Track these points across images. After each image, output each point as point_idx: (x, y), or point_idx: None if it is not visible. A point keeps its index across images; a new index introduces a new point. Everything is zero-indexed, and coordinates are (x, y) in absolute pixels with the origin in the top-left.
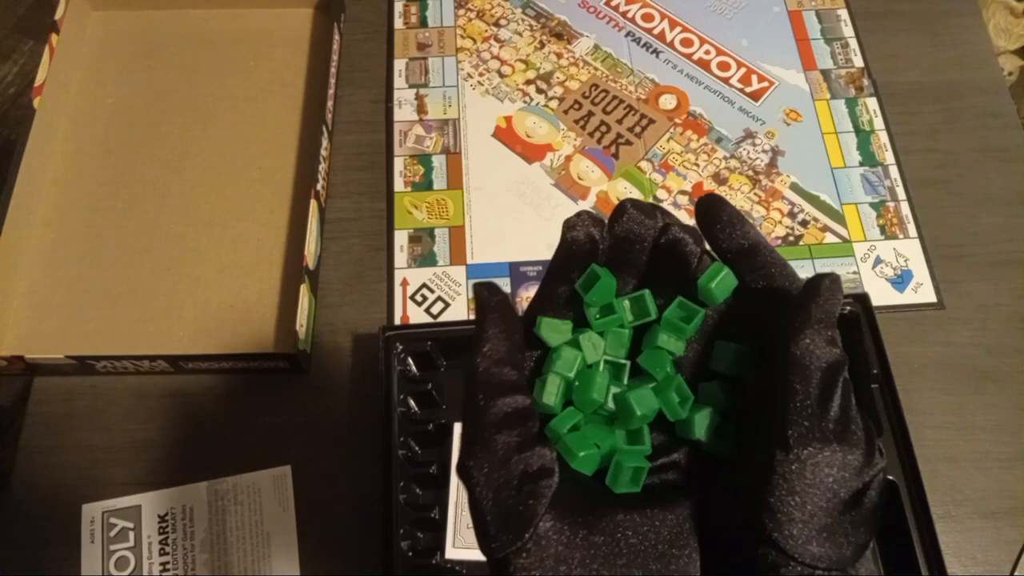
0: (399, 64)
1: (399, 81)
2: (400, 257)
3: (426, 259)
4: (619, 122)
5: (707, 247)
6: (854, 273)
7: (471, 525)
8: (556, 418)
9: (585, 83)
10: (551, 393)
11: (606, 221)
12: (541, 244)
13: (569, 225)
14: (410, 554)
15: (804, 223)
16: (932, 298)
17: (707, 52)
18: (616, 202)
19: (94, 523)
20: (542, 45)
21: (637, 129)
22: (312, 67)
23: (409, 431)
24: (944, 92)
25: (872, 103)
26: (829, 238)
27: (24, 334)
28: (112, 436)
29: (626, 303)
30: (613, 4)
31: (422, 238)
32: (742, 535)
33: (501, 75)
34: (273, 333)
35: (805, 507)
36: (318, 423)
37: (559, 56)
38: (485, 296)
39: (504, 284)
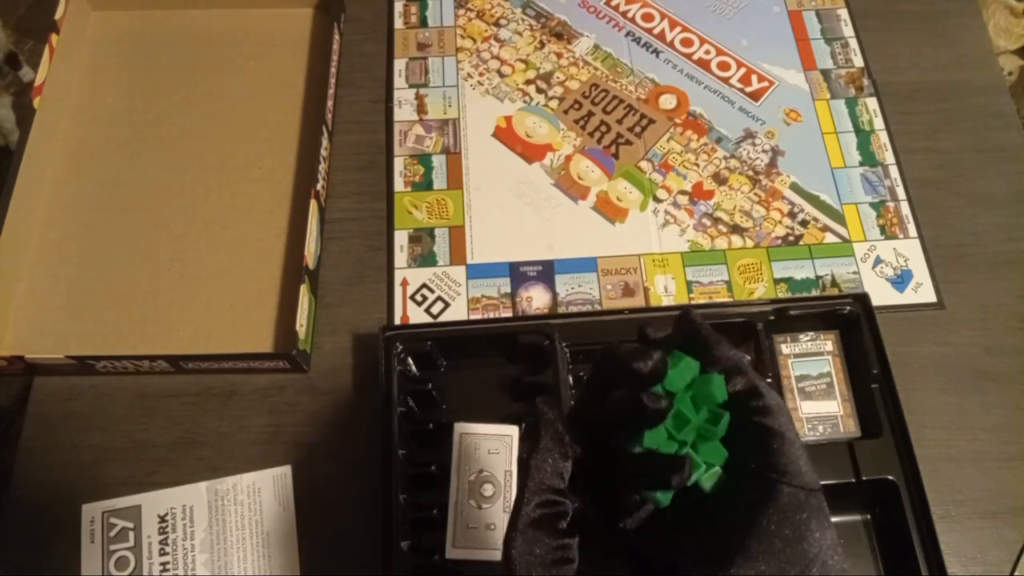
0: (399, 64)
1: (399, 81)
2: (400, 257)
3: (426, 259)
4: (619, 122)
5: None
6: (854, 273)
7: (471, 525)
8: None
9: (585, 83)
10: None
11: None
12: (541, 244)
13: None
14: (410, 554)
15: (804, 223)
16: (932, 298)
17: (707, 52)
18: (616, 202)
19: (94, 523)
20: (542, 45)
21: (637, 129)
22: (312, 67)
23: (409, 431)
24: (944, 92)
25: (872, 103)
26: (829, 238)
27: (24, 334)
28: (112, 436)
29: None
30: (613, 4)
31: (422, 238)
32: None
33: (501, 75)
34: (273, 333)
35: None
36: (318, 423)
37: (559, 56)
38: (545, 410)
39: (504, 284)
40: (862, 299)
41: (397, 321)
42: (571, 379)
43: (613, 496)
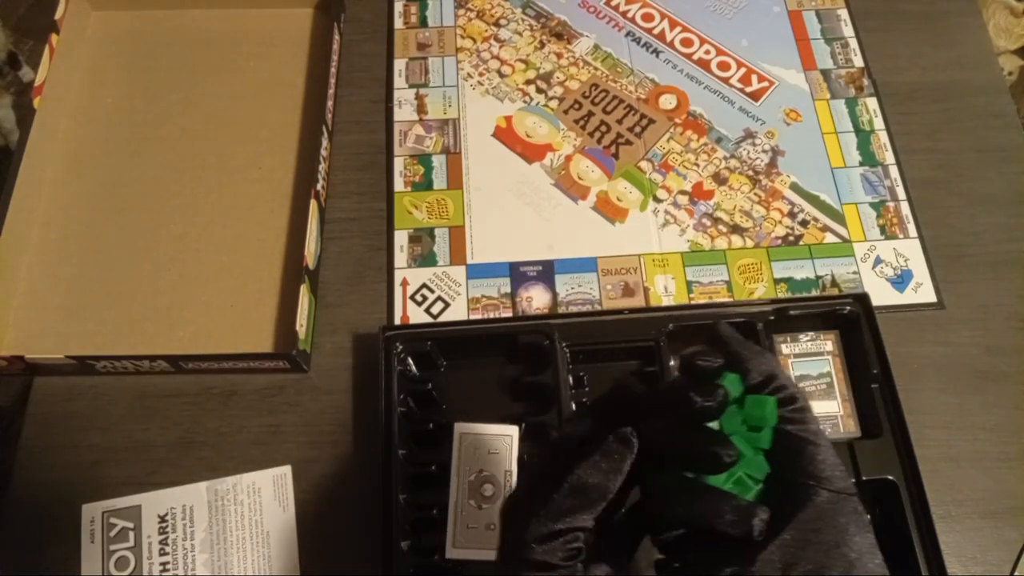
0: (399, 64)
1: (399, 81)
2: (400, 257)
3: (426, 259)
4: (619, 122)
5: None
6: (854, 273)
7: (471, 525)
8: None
9: (585, 83)
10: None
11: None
12: (541, 244)
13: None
14: (410, 554)
15: (804, 223)
16: (932, 298)
17: (707, 52)
18: (616, 202)
19: (94, 523)
20: (542, 45)
21: (637, 129)
22: (312, 67)
23: (409, 431)
24: (944, 92)
25: (872, 103)
26: (829, 238)
27: (24, 334)
28: (112, 436)
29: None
30: (613, 4)
31: (422, 238)
32: None
33: (501, 75)
34: (273, 333)
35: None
36: (318, 423)
37: (559, 56)
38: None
39: (504, 284)
40: (862, 299)
41: (397, 321)
42: (571, 379)
43: (648, 515)
